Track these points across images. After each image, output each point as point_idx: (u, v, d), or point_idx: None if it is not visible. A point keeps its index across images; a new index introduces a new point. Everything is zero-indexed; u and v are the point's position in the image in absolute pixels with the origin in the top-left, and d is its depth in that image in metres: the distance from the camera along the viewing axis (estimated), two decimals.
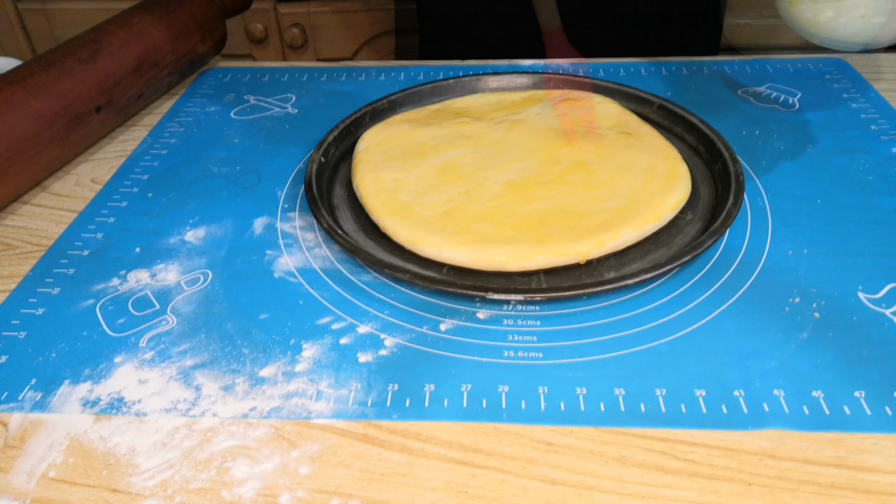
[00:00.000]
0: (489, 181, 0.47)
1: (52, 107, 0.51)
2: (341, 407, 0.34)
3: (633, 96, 0.56)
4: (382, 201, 0.45)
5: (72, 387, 0.36)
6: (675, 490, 0.30)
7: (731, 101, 0.59)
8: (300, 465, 0.32)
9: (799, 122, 0.56)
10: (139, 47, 0.58)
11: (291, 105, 0.62)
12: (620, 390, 0.34)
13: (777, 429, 0.32)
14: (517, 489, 0.31)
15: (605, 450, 0.32)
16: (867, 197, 0.47)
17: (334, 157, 0.52)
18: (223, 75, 0.68)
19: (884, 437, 0.32)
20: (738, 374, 0.35)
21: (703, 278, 0.41)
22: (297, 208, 0.48)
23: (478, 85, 0.58)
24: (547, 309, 0.39)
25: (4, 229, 0.48)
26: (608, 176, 0.46)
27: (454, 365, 0.36)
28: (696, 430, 0.33)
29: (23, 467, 0.32)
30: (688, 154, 0.51)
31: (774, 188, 0.48)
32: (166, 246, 0.45)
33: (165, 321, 0.40)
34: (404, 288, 0.41)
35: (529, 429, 0.33)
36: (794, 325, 0.38)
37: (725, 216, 0.42)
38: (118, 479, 0.31)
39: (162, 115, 0.61)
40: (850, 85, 0.60)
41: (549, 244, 0.41)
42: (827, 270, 0.41)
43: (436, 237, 0.42)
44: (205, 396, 0.35)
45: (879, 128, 0.54)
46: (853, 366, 0.35)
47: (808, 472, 0.31)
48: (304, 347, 0.38)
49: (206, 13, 0.65)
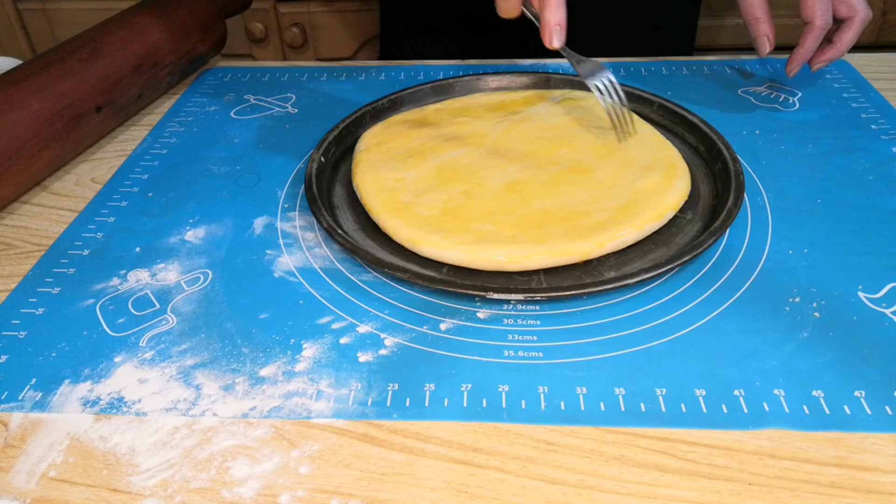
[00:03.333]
0: (489, 181, 0.47)
1: (52, 106, 0.51)
2: (341, 406, 0.34)
3: (633, 95, 0.56)
4: (382, 201, 0.45)
5: (72, 386, 0.36)
6: (676, 490, 0.30)
7: (731, 101, 0.59)
8: (300, 464, 0.32)
9: (799, 122, 0.56)
10: (139, 47, 0.58)
11: (291, 105, 0.62)
12: (620, 390, 0.34)
13: (777, 428, 0.32)
14: (517, 489, 0.31)
15: (605, 449, 0.32)
16: (867, 196, 0.47)
17: (334, 156, 0.52)
18: (223, 75, 0.68)
19: (884, 437, 0.32)
20: (739, 374, 0.35)
21: (704, 278, 0.41)
22: (297, 208, 0.48)
23: (478, 84, 0.58)
24: (547, 308, 0.39)
25: (4, 229, 0.48)
26: (608, 175, 0.46)
27: (454, 364, 0.36)
28: (697, 430, 0.33)
29: (23, 467, 0.32)
30: (688, 153, 0.51)
31: (775, 188, 0.48)
32: (166, 245, 0.45)
33: (165, 321, 0.40)
34: (404, 287, 0.41)
35: (529, 428, 0.33)
36: (794, 324, 0.38)
37: (726, 215, 0.42)
38: (118, 478, 0.31)
39: (162, 114, 0.61)
40: (850, 84, 0.60)
41: (549, 244, 0.41)
42: (827, 270, 0.41)
43: (436, 237, 0.42)
44: (205, 396, 0.35)
45: (880, 127, 0.54)
46: (853, 365, 0.35)
47: (808, 472, 0.31)
48: (305, 347, 0.38)
49: (206, 13, 0.65)
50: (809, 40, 0.54)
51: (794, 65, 0.56)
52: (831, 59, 0.56)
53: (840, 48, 0.56)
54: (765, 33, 0.55)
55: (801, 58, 0.56)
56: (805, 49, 0.55)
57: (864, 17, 0.55)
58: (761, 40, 0.56)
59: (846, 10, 0.54)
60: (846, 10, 0.54)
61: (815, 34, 0.54)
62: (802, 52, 0.55)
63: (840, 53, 0.56)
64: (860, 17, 0.54)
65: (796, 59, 0.56)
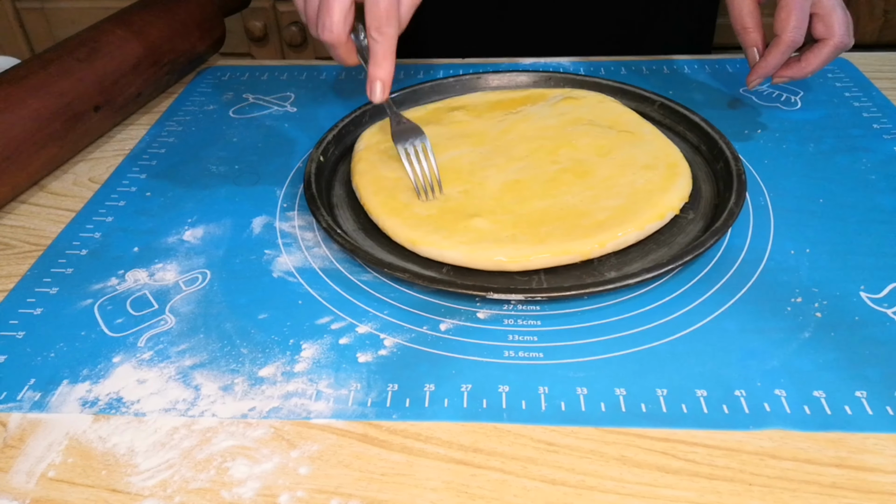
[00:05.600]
0: (489, 180, 0.47)
1: (51, 106, 0.51)
2: (341, 407, 0.34)
3: (634, 94, 0.56)
4: (382, 200, 0.45)
5: (70, 387, 0.36)
6: (676, 490, 0.30)
7: (733, 100, 0.59)
8: (300, 465, 0.32)
9: (801, 121, 0.55)
10: (138, 46, 0.58)
11: (290, 104, 0.62)
12: (621, 390, 0.34)
13: (778, 429, 0.32)
14: (517, 489, 0.30)
15: (605, 450, 0.32)
16: (869, 196, 0.47)
17: (333, 156, 0.52)
18: (222, 74, 0.67)
19: (885, 437, 0.32)
20: (740, 374, 0.35)
21: (705, 278, 0.41)
22: (296, 207, 0.48)
23: (478, 83, 0.58)
24: (547, 309, 0.39)
25: (2, 229, 0.48)
26: (609, 174, 0.46)
27: (454, 365, 0.36)
28: (697, 430, 0.32)
29: (22, 467, 0.32)
30: (689, 153, 0.51)
31: (776, 187, 0.48)
32: (165, 245, 0.45)
33: (164, 321, 0.39)
34: (404, 288, 0.41)
35: (530, 429, 0.33)
36: (795, 324, 0.37)
37: (727, 215, 0.42)
38: (117, 478, 0.31)
39: (160, 113, 0.61)
40: (852, 84, 0.60)
41: (549, 243, 0.41)
42: (829, 270, 0.41)
43: (435, 236, 0.41)
44: (204, 396, 0.35)
45: (882, 126, 0.54)
46: (855, 365, 0.35)
47: (809, 472, 0.31)
48: (304, 347, 0.37)
49: (204, 11, 0.65)
50: (774, 55, 0.51)
51: (753, 76, 0.54)
52: (793, 78, 0.54)
53: (804, 69, 0.53)
54: (754, 43, 0.53)
55: (761, 70, 0.53)
56: (767, 63, 0.52)
57: (839, 43, 0.52)
58: (751, 51, 0.53)
59: (823, 30, 0.52)
60: (823, 30, 0.52)
61: (780, 49, 0.51)
62: (763, 65, 0.52)
63: (803, 74, 0.53)
64: (835, 41, 0.51)
65: (757, 72, 0.53)
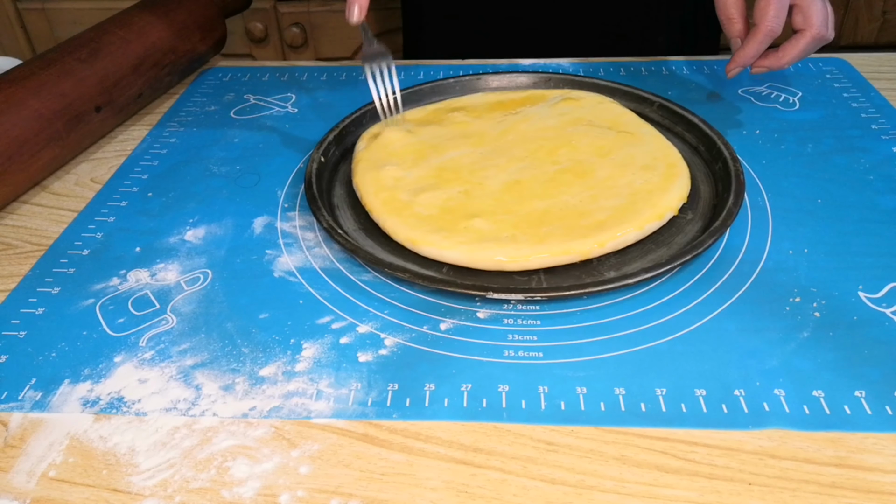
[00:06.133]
0: (489, 180, 0.47)
1: (52, 106, 0.51)
2: (341, 406, 0.34)
3: (633, 95, 0.56)
4: (382, 200, 0.45)
5: (72, 386, 0.36)
6: (676, 490, 0.30)
7: (731, 101, 0.59)
8: (300, 464, 0.32)
9: (799, 122, 0.56)
10: (139, 47, 0.58)
11: (291, 104, 0.62)
12: (621, 390, 0.34)
13: (777, 428, 0.32)
14: (517, 489, 0.31)
15: (605, 449, 0.32)
16: (868, 196, 0.47)
17: (334, 156, 0.52)
18: (223, 75, 0.68)
19: (884, 437, 0.32)
20: (739, 374, 0.35)
21: (704, 278, 0.41)
22: (297, 208, 0.48)
23: (478, 84, 0.58)
24: (547, 308, 0.39)
25: (4, 229, 0.48)
26: (608, 175, 0.46)
27: (454, 364, 0.36)
28: (697, 430, 0.32)
29: (23, 467, 0.32)
30: (688, 153, 0.51)
31: (775, 187, 0.48)
32: (166, 245, 0.45)
33: (165, 321, 0.40)
34: (404, 287, 0.41)
35: (530, 428, 0.33)
36: (794, 324, 0.38)
37: (726, 215, 0.42)
38: (118, 478, 0.31)
39: (162, 114, 0.61)
40: (850, 84, 0.60)
41: (548, 243, 0.41)
42: (827, 270, 0.41)
43: (436, 236, 0.42)
44: (205, 396, 0.35)
45: (880, 127, 0.54)
46: (854, 365, 0.35)
47: (808, 472, 0.31)
48: (304, 347, 0.38)
49: (205, 12, 0.65)
50: (752, 44, 0.52)
51: (732, 65, 0.54)
52: (771, 68, 0.54)
53: (781, 59, 0.53)
54: (738, 34, 0.53)
55: (739, 59, 0.53)
56: (745, 52, 0.52)
57: (817, 35, 0.52)
58: (734, 42, 0.53)
59: (801, 21, 0.52)
60: (801, 21, 0.52)
61: (758, 38, 0.51)
62: (742, 54, 0.53)
63: (780, 65, 0.53)
64: (812, 32, 0.51)
65: (736, 61, 0.53)
